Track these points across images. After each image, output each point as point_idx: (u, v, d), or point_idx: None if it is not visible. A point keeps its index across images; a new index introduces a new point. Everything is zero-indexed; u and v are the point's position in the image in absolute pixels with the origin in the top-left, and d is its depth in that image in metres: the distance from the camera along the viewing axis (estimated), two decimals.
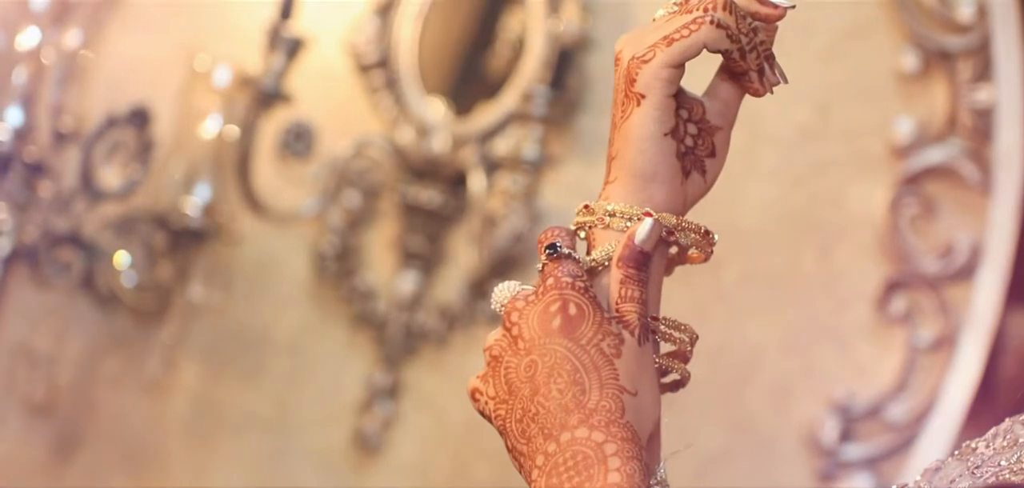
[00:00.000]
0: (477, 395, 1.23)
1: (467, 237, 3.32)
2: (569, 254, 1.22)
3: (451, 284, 3.37)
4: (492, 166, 3.29)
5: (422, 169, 3.35)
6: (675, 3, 1.28)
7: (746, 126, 3.35)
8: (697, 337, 1.32)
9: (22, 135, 3.17)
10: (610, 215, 1.25)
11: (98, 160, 3.21)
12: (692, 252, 1.32)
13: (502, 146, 3.27)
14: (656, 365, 1.25)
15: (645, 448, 1.19)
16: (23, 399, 3.41)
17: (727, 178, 3.56)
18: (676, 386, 1.30)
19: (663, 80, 1.24)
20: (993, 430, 1.19)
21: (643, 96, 1.25)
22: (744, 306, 3.18)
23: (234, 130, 3.29)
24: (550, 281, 1.21)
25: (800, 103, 3.08)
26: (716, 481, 3.04)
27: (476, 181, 3.29)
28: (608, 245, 1.25)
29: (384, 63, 3.38)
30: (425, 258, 3.37)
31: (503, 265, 3.23)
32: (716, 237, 1.33)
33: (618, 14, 3.26)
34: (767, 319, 3.15)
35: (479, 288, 3.29)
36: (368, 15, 3.37)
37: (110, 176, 3.24)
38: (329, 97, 3.40)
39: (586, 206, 1.27)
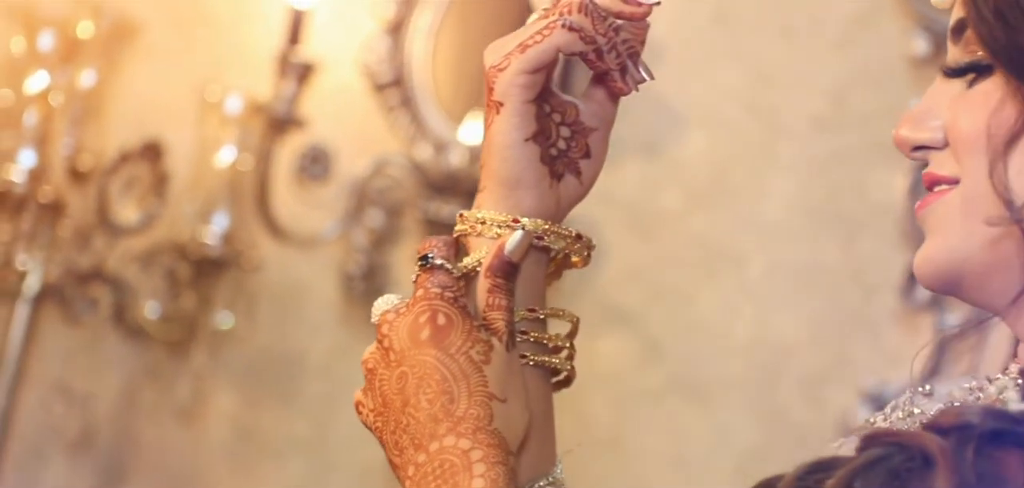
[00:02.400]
0: (360, 408, 1.25)
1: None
2: (441, 265, 1.23)
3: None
4: None
5: (442, 184, 3.34)
6: (545, 9, 1.27)
7: (762, 120, 3.35)
8: (577, 321, 1.31)
9: (36, 176, 3.17)
10: (481, 223, 1.26)
11: (114, 196, 3.22)
12: (574, 258, 1.32)
13: None
14: (545, 365, 1.27)
15: (521, 450, 1.21)
16: (63, 437, 3.41)
17: (746, 172, 3.56)
18: (566, 383, 1.31)
19: (519, 86, 1.24)
20: (892, 403, 1.21)
21: (501, 104, 1.25)
22: (771, 300, 3.17)
23: (248, 159, 3.29)
24: (420, 292, 1.22)
25: (814, 94, 3.07)
26: (754, 477, 3.03)
27: None
28: (479, 252, 1.26)
29: (399, 82, 3.37)
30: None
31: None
32: (593, 241, 1.33)
33: None
34: (795, 312, 3.14)
35: None
36: (379, 35, 3.37)
37: (127, 211, 3.24)
38: (344, 119, 3.40)
39: (461, 215, 1.28)
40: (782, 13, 3.14)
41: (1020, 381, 1.12)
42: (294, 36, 3.20)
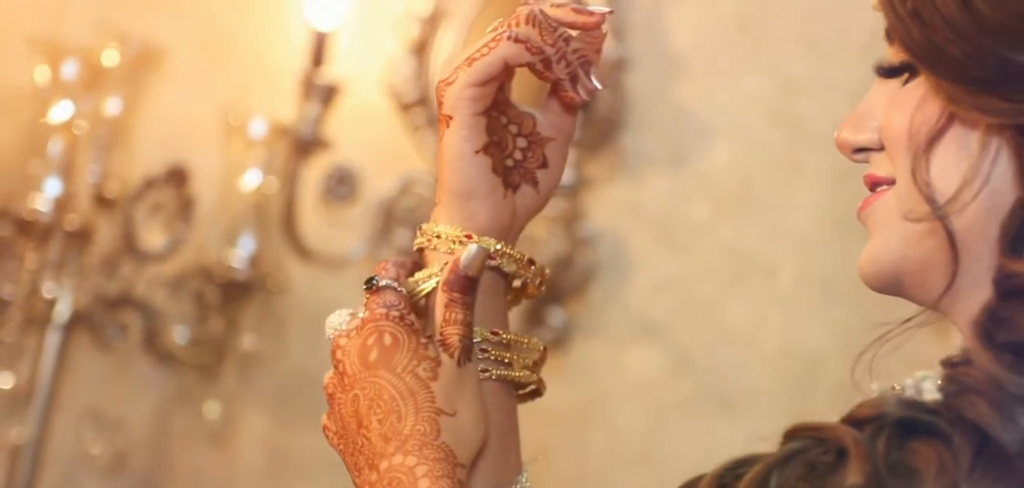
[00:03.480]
0: (325, 432, 1.28)
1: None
2: (387, 285, 1.26)
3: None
4: None
5: None
6: (496, 23, 1.29)
7: (788, 128, 3.34)
8: (544, 350, 1.35)
9: (62, 204, 3.19)
10: (436, 237, 1.29)
11: (140, 222, 3.23)
12: (530, 287, 1.34)
13: None
14: (507, 379, 1.29)
15: (478, 460, 1.24)
16: (96, 463, 3.42)
17: (773, 182, 3.55)
18: (533, 395, 1.33)
19: (467, 99, 1.27)
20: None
21: (451, 117, 1.28)
22: (801, 310, 3.17)
23: (274, 181, 3.30)
24: (367, 314, 1.25)
25: (840, 101, 3.06)
26: None
27: None
28: (431, 267, 1.29)
29: (424, 101, 3.37)
30: None
31: (550, 291, 3.23)
32: (547, 270, 1.35)
33: (653, 31, 3.26)
34: (825, 321, 3.13)
35: (534, 315, 3.28)
36: (404, 56, 3.37)
37: (153, 236, 3.26)
38: (369, 139, 3.40)
39: (420, 228, 1.31)
40: (806, 23, 3.13)
41: (943, 373, 1.14)
42: (318, 58, 3.21)
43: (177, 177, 3.22)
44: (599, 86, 1.31)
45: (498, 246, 1.29)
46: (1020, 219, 1.13)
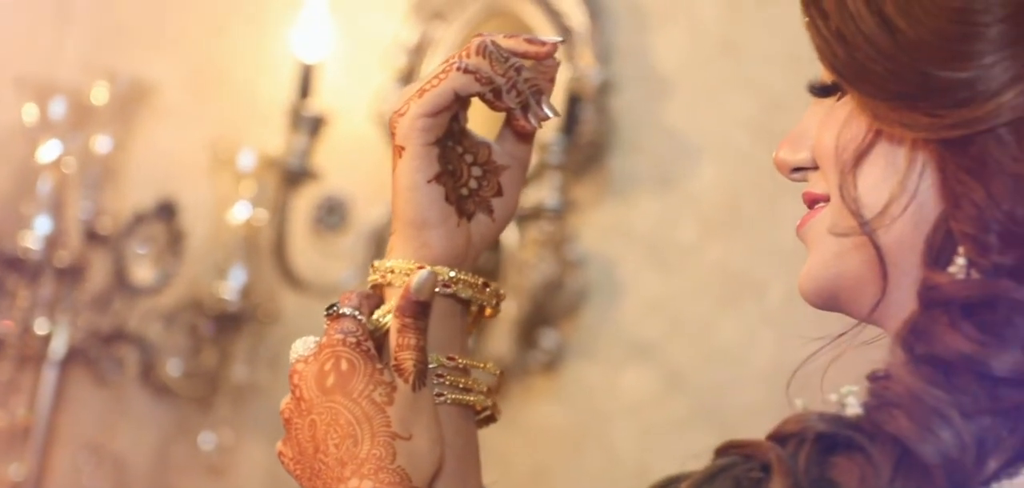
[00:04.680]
0: (281, 458, 1.29)
1: (507, 289, 3.33)
2: (347, 313, 1.26)
3: (501, 337, 3.37)
4: (523, 217, 3.29)
5: None
6: (450, 55, 1.32)
7: (773, 146, 3.35)
8: (501, 374, 1.37)
9: (53, 241, 3.20)
10: (390, 271, 1.30)
11: (130, 257, 3.24)
12: (486, 309, 1.35)
13: (530, 197, 3.28)
14: (463, 403, 1.31)
15: (435, 482, 1.25)
16: None
17: (760, 201, 3.56)
18: (489, 420, 1.35)
19: (418, 130, 1.29)
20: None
21: (403, 148, 1.30)
22: (791, 327, 3.18)
23: (264, 213, 3.32)
24: (325, 340, 1.26)
25: None
26: None
27: (508, 234, 3.30)
28: (389, 302, 1.30)
29: None
30: None
31: (542, 313, 3.24)
32: (502, 290, 1.36)
33: (637, 53, 3.27)
34: (817, 337, 3.13)
35: (528, 338, 3.29)
36: (391, 85, 3.39)
37: (144, 271, 3.27)
38: (358, 168, 3.42)
39: (373, 265, 1.32)
40: (789, 42, 3.14)
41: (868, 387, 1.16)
42: (305, 89, 3.23)
43: (166, 211, 3.24)
44: (552, 114, 1.32)
45: (452, 273, 1.31)
46: (944, 232, 1.13)
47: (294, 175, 3.27)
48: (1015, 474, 1.07)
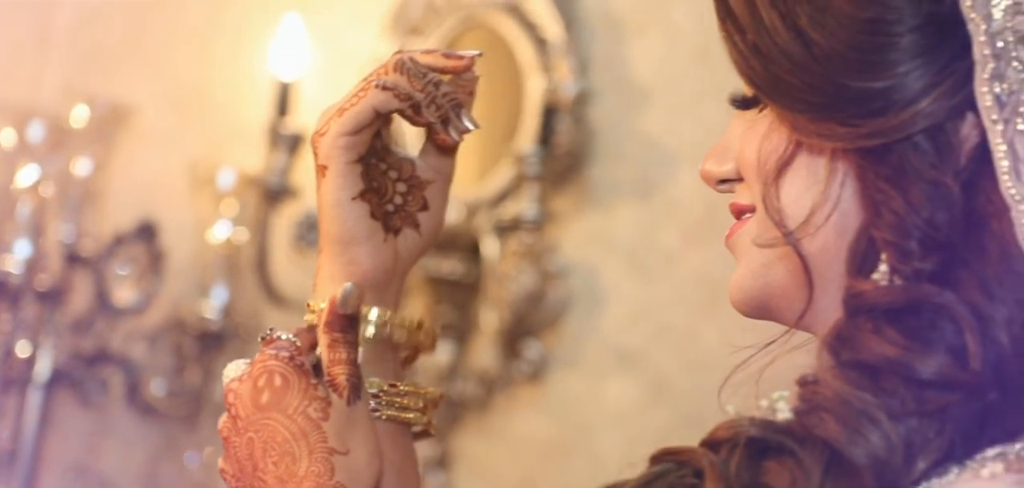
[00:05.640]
0: (223, 475, 1.29)
1: (489, 302, 3.34)
2: (281, 337, 1.26)
3: (484, 349, 3.38)
4: (503, 230, 3.31)
5: (440, 241, 3.36)
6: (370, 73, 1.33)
7: None
8: (441, 396, 1.37)
9: (33, 264, 3.21)
10: (324, 310, 1.29)
11: (112, 278, 3.26)
12: (423, 349, 1.37)
13: (509, 209, 3.29)
14: (397, 419, 1.32)
15: None
16: None
17: None
18: (424, 435, 1.36)
19: (340, 149, 1.30)
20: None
21: (326, 167, 1.31)
22: (774, 332, 3.18)
23: (244, 231, 3.33)
24: (257, 357, 1.26)
25: None
26: None
27: (489, 246, 3.31)
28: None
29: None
30: (456, 327, 3.38)
31: (524, 325, 3.25)
32: (437, 328, 1.39)
33: (614, 63, 3.28)
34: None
35: (511, 349, 3.30)
36: None
37: (126, 292, 3.28)
38: None
39: (308, 304, 1.33)
40: None
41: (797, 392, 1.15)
42: (283, 108, 3.25)
43: (147, 232, 3.25)
44: (472, 127, 1.33)
45: (388, 316, 1.33)
46: (866, 240, 1.14)
47: (274, 193, 3.28)
48: (944, 473, 1.07)
